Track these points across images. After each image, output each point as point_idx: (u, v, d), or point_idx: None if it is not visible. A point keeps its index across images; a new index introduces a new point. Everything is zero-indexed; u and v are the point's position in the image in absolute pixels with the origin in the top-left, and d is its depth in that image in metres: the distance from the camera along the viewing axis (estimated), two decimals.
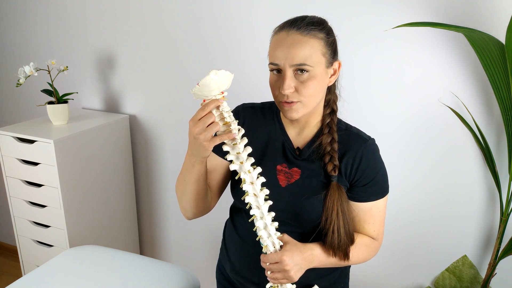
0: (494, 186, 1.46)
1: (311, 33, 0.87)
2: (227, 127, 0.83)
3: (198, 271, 2.10)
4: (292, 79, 0.87)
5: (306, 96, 0.88)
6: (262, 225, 0.88)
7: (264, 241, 0.89)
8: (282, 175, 0.98)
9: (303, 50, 0.85)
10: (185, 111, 1.89)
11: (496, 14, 1.32)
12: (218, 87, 0.80)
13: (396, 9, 1.42)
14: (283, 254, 0.88)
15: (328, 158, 0.94)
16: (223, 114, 0.82)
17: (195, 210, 1.02)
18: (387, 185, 1.00)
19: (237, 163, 0.85)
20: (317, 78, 0.88)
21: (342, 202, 0.93)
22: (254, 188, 0.86)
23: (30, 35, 2.13)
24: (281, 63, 0.87)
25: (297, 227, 0.98)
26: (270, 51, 0.90)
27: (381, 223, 1.01)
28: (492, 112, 1.41)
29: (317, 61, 0.87)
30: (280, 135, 1.01)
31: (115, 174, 1.97)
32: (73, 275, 1.33)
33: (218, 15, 1.70)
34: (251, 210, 0.88)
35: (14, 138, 1.72)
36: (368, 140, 0.97)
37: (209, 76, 0.78)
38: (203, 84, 0.79)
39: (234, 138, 0.83)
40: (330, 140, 0.95)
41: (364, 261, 1.01)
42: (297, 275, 0.90)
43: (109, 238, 1.98)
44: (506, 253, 1.42)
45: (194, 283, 1.38)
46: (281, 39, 0.88)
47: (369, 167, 0.95)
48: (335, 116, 0.98)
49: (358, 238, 0.99)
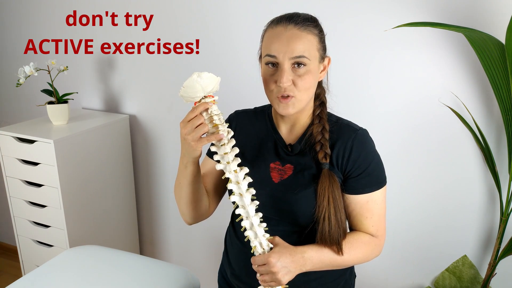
0: (494, 186, 1.46)
1: (308, 28, 0.89)
2: (216, 129, 0.85)
3: (198, 271, 2.10)
4: (289, 73, 0.88)
5: (302, 89, 0.89)
6: (248, 225, 0.88)
7: (252, 242, 0.89)
8: (275, 172, 0.98)
9: (302, 44, 0.88)
10: (185, 111, 1.88)
11: (496, 14, 1.32)
12: (202, 89, 0.82)
13: (396, 9, 1.42)
14: (269, 256, 0.86)
15: (319, 147, 0.94)
16: (213, 117, 0.85)
17: (193, 213, 1.03)
18: (382, 176, 0.98)
19: (224, 163, 0.86)
20: (312, 72, 0.90)
21: (333, 189, 0.91)
22: (239, 187, 0.86)
23: (30, 35, 2.13)
24: (280, 56, 0.88)
25: (293, 224, 0.97)
26: (266, 44, 0.92)
27: (380, 218, 0.98)
28: (492, 112, 1.41)
29: (313, 56, 0.90)
30: (272, 134, 1.02)
31: (115, 174, 1.97)
32: (73, 275, 1.33)
33: (218, 15, 1.70)
34: (237, 209, 0.88)
35: (14, 138, 1.72)
36: (359, 130, 0.97)
37: (191, 77, 0.81)
38: (187, 85, 0.82)
39: (222, 139, 0.85)
40: (321, 129, 0.96)
41: (365, 260, 0.98)
42: (285, 278, 0.87)
43: (109, 238, 1.98)
44: (506, 253, 1.42)
45: (194, 283, 1.38)
46: (279, 33, 0.89)
47: (360, 157, 0.94)
48: (325, 107, 1.00)
49: (356, 235, 0.96)
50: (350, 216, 0.99)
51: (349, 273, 1.09)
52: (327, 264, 0.93)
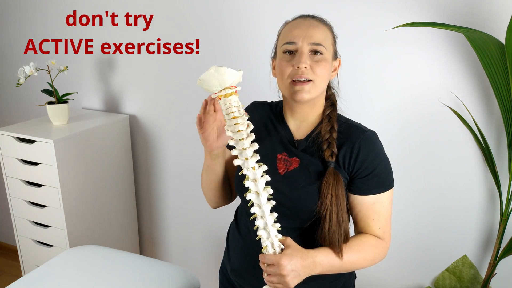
0: (494, 186, 1.46)
1: (324, 24, 0.96)
2: (235, 122, 0.82)
3: (198, 271, 2.10)
4: (308, 57, 0.91)
5: (318, 75, 0.91)
6: (262, 224, 0.86)
7: (264, 242, 0.87)
8: (281, 163, 0.99)
9: (320, 32, 0.92)
10: (185, 111, 1.89)
11: (496, 14, 1.32)
12: (219, 84, 0.80)
13: (396, 9, 1.42)
14: (281, 258, 0.84)
15: (326, 145, 0.95)
16: (232, 109, 0.82)
17: (214, 199, 1.10)
18: (390, 179, 0.97)
19: (242, 159, 0.83)
20: (328, 62, 0.93)
21: (337, 188, 0.91)
22: (256, 186, 0.84)
23: (30, 35, 2.13)
24: (299, 41, 0.91)
25: (294, 220, 0.97)
26: (284, 35, 0.95)
27: (386, 220, 0.97)
28: (492, 112, 1.41)
29: (328, 47, 0.93)
30: (282, 127, 1.03)
31: (115, 174, 1.97)
32: (73, 275, 1.33)
33: (218, 15, 1.70)
34: (252, 208, 0.86)
35: (14, 138, 1.72)
36: (367, 131, 0.97)
37: (208, 71, 0.79)
38: (203, 79, 0.80)
39: (241, 133, 0.82)
40: (330, 129, 0.96)
41: (372, 263, 0.97)
42: (294, 281, 0.86)
43: (109, 238, 1.98)
44: (506, 253, 1.42)
45: (194, 283, 1.37)
46: (299, 23, 0.94)
47: (368, 158, 0.94)
48: (335, 108, 1.01)
49: (363, 238, 0.96)
50: (357, 217, 0.99)
51: (348, 274, 1.08)
52: (336, 268, 0.93)
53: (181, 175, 2.01)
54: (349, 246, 0.93)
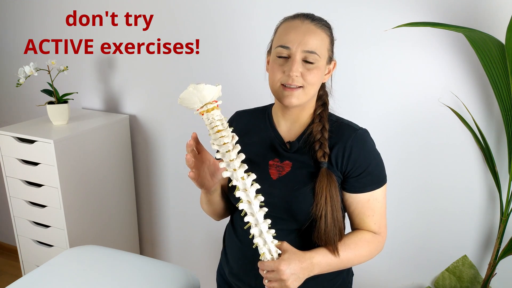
0: (494, 186, 1.46)
1: (323, 27, 0.93)
2: (220, 135, 0.82)
3: (198, 271, 2.10)
4: (300, 64, 0.90)
5: (309, 82, 0.91)
6: (257, 232, 0.87)
7: (261, 249, 0.88)
8: (274, 169, 0.99)
9: (316, 39, 0.90)
10: (185, 111, 1.89)
11: (496, 14, 1.32)
12: (200, 100, 0.80)
13: (396, 9, 1.42)
14: (280, 263, 0.85)
15: (318, 145, 0.95)
16: (215, 123, 0.83)
17: (218, 218, 1.13)
18: (383, 175, 0.99)
19: (230, 170, 0.84)
20: (320, 70, 0.92)
21: (331, 188, 0.92)
22: (247, 195, 0.85)
23: (30, 35, 2.13)
24: (293, 47, 0.90)
25: (291, 222, 0.97)
26: (280, 35, 0.93)
27: (381, 215, 0.99)
28: (492, 112, 1.42)
29: (323, 54, 0.92)
30: (271, 132, 1.03)
31: (115, 174, 1.97)
32: (73, 275, 1.33)
33: (218, 15, 1.70)
34: (245, 217, 0.87)
35: (14, 138, 1.72)
36: (358, 129, 0.97)
37: (187, 90, 0.79)
38: (183, 97, 0.80)
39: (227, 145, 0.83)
40: (321, 129, 0.96)
41: (369, 258, 0.99)
42: (294, 284, 0.87)
43: (109, 238, 1.98)
44: (506, 253, 1.42)
45: (194, 283, 1.38)
46: (296, 26, 0.91)
47: (361, 157, 0.95)
48: (326, 108, 1.01)
49: (359, 234, 0.98)
50: (353, 214, 1.00)
51: (346, 271, 1.10)
52: (334, 267, 0.94)
53: (181, 175, 2.01)
54: (345, 244, 0.95)
